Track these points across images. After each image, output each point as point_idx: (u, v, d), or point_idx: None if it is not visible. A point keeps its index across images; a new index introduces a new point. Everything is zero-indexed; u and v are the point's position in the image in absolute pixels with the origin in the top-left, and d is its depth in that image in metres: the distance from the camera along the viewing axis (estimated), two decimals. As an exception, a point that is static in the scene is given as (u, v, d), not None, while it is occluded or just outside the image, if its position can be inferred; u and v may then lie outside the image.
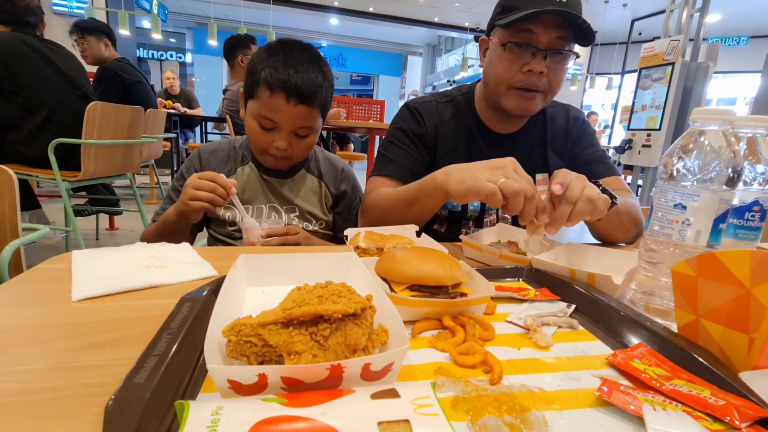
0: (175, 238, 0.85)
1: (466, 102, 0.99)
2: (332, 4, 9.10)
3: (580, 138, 1.00)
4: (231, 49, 2.67)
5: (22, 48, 1.89)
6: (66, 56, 2.09)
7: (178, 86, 5.12)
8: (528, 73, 0.82)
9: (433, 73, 12.93)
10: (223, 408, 0.23)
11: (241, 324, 0.31)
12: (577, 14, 0.76)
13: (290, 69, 0.82)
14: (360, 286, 0.39)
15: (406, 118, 0.98)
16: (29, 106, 1.92)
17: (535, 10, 0.76)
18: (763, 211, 0.52)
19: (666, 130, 3.21)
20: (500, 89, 0.86)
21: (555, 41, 0.80)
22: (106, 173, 2.09)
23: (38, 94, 1.93)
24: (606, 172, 0.96)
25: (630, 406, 0.30)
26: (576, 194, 0.62)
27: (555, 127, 1.00)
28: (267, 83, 0.82)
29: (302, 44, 0.89)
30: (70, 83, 2.04)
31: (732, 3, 6.80)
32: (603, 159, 0.99)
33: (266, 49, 0.87)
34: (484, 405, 0.30)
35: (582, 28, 0.79)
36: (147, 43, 10.68)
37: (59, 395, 0.29)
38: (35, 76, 1.92)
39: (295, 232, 0.84)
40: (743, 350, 0.36)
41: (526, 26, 0.80)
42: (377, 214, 0.84)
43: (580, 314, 0.49)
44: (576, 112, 1.04)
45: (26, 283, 0.48)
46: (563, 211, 0.62)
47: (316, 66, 0.86)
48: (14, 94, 1.88)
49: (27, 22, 1.97)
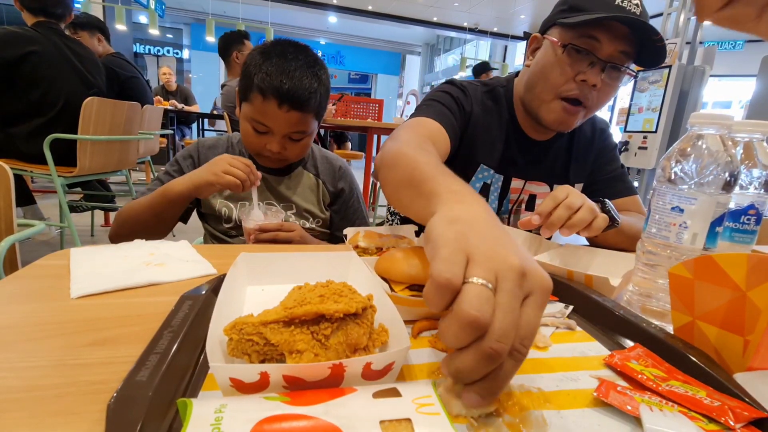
0: (167, 214, 0.85)
1: (507, 98, 0.93)
2: (331, 2, 9.07)
3: (603, 151, 0.99)
4: (225, 47, 2.67)
5: (51, 51, 1.89)
6: (85, 55, 2.09)
7: (174, 82, 5.09)
8: (581, 84, 0.77)
9: (432, 72, 12.93)
10: (226, 406, 0.23)
11: (243, 323, 0.31)
12: (653, 27, 0.71)
13: (283, 75, 0.81)
14: (360, 285, 0.40)
15: (455, 89, 0.90)
16: (41, 104, 1.91)
17: (610, 15, 0.71)
18: (759, 215, 0.52)
19: (662, 133, 3.23)
20: (545, 96, 0.81)
21: (617, 54, 0.75)
22: (102, 169, 2.07)
23: (53, 93, 1.92)
24: (624, 192, 0.95)
25: (627, 406, 0.31)
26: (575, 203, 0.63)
27: (581, 137, 0.97)
28: (259, 89, 0.82)
29: (298, 46, 0.88)
30: (84, 82, 2.04)
31: (728, 7, 6.84)
32: (622, 178, 0.97)
33: (261, 53, 0.86)
34: (484, 404, 0.31)
35: (653, 45, 0.73)
36: (144, 38, 10.60)
37: (61, 392, 0.29)
38: (54, 78, 1.92)
39: (288, 229, 0.83)
40: (738, 352, 0.36)
41: (591, 32, 0.74)
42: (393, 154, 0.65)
43: (578, 315, 0.49)
44: (602, 123, 1.01)
45: (24, 280, 0.48)
46: (560, 214, 0.63)
47: (310, 71, 0.85)
48: (29, 92, 1.87)
49: (54, 12, 1.95)
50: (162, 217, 0.85)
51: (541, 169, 0.96)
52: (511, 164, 0.93)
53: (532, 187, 0.97)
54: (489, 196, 0.94)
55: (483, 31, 9.88)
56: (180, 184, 0.81)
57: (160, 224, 0.86)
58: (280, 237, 0.81)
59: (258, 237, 0.80)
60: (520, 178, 0.95)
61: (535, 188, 0.97)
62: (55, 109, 1.93)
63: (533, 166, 0.95)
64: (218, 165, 0.80)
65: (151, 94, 3.19)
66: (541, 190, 0.97)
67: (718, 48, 3.40)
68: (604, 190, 0.96)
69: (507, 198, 0.96)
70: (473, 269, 0.27)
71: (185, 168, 0.94)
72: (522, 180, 0.95)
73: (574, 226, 0.63)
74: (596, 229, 0.64)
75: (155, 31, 5.54)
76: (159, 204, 0.82)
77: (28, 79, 1.85)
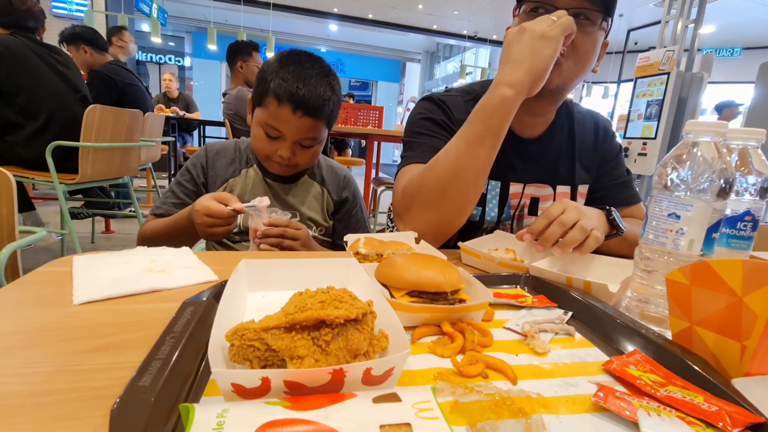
0: (185, 239, 0.86)
1: None
2: (332, 11, 9.16)
3: (608, 154, 0.96)
4: (232, 54, 2.68)
5: (23, 51, 1.89)
6: (65, 61, 2.09)
7: (176, 89, 5.13)
8: None
9: (432, 79, 13.02)
10: (228, 411, 0.24)
11: (244, 328, 0.31)
12: None
13: (299, 82, 0.84)
14: (360, 291, 0.40)
15: (434, 109, 0.90)
16: (29, 109, 1.92)
17: None
18: (755, 221, 0.53)
19: (661, 139, 3.25)
20: None
21: (579, 2, 0.72)
22: (104, 176, 2.09)
23: (38, 97, 1.93)
24: (630, 199, 0.94)
25: (625, 411, 0.31)
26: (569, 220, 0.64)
27: (583, 138, 0.95)
28: (275, 94, 0.84)
29: (313, 57, 0.91)
30: (69, 87, 2.05)
31: (726, 15, 6.92)
32: (628, 184, 0.96)
33: (277, 60, 0.89)
34: (483, 410, 0.31)
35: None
36: (146, 46, 10.69)
37: (64, 398, 0.29)
38: (35, 80, 1.92)
39: (296, 227, 0.83)
40: (736, 357, 0.36)
41: None
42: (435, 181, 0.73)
43: (577, 321, 0.49)
44: (605, 122, 1.00)
45: (27, 286, 0.49)
46: (553, 231, 0.64)
47: (325, 80, 0.88)
48: (14, 97, 1.88)
49: (26, 26, 1.97)
50: (182, 240, 0.85)
51: (539, 171, 0.92)
52: (507, 168, 0.91)
53: (533, 190, 0.93)
54: (486, 204, 0.92)
55: (482, 39, 9.97)
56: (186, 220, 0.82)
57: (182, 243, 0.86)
58: (288, 234, 0.80)
59: (266, 233, 0.79)
60: (519, 181, 0.92)
61: (537, 191, 0.93)
62: (44, 115, 1.94)
63: (531, 167, 0.92)
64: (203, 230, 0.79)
65: (151, 102, 3.20)
66: (544, 193, 0.94)
67: (716, 55, 3.43)
68: (611, 197, 0.94)
69: (507, 204, 0.93)
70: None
71: (195, 175, 0.95)
72: (521, 183, 0.92)
73: (565, 245, 0.64)
74: (587, 249, 0.65)
75: (157, 39, 5.58)
76: (176, 233, 0.85)
77: (8, 84, 1.85)
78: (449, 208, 0.73)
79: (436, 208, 0.73)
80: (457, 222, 0.76)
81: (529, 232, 0.67)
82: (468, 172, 0.71)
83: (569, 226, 0.64)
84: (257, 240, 0.79)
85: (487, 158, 0.71)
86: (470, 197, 0.74)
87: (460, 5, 8.01)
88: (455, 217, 0.75)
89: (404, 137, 0.92)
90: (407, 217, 0.77)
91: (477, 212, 0.92)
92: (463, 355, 0.39)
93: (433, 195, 0.73)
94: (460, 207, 0.74)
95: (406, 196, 0.78)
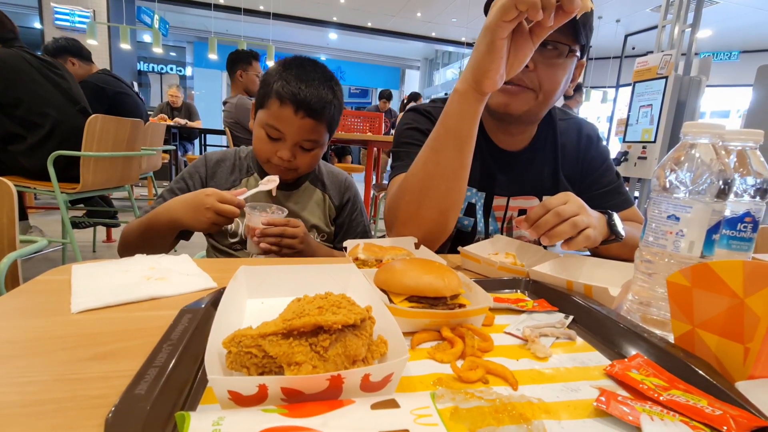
0: (158, 240, 0.84)
1: None
2: (331, 19, 9.26)
3: (594, 162, 0.94)
4: (232, 63, 2.70)
5: (21, 64, 1.91)
6: (63, 73, 2.11)
7: (181, 101, 5.18)
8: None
9: (431, 86, 13.09)
10: (224, 418, 0.23)
11: (242, 335, 0.31)
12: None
13: (302, 83, 0.86)
14: (359, 297, 0.40)
15: (420, 119, 0.91)
16: (29, 121, 1.93)
17: None
18: (755, 222, 0.52)
19: (661, 143, 3.25)
20: None
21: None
22: (105, 185, 2.09)
23: (38, 109, 1.94)
24: (622, 205, 0.92)
25: (628, 416, 0.30)
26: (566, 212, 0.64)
27: (566, 147, 0.93)
28: (278, 94, 0.86)
29: (316, 62, 0.93)
30: (68, 99, 2.06)
31: (722, 19, 6.97)
32: (619, 189, 0.94)
33: (281, 64, 0.91)
34: (484, 416, 0.31)
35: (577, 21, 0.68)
36: (148, 56, 10.81)
37: (61, 407, 0.29)
38: (34, 92, 1.94)
39: (294, 225, 0.82)
40: (739, 360, 0.36)
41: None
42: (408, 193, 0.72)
43: (578, 325, 0.49)
44: (589, 129, 0.97)
45: (26, 295, 0.48)
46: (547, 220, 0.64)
47: (327, 84, 0.89)
48: (14, 109, 1.90)
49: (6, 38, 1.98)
50: (152, 243, 0.83)
51: (524, 183, 0.93)
52: (491, 179, 0.91)
53: (521, 202, 0.94)
54: (475, 214, 0.92)
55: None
56: (165, 215, 0.80)
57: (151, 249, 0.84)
58: (287, 233, 0.80)
59: (265, 232, 0.78)
60: (503, 194, 0.92)
61: (524, 203, 0.94)
62: (45, 126, 1.95)
63: (515, 182, 0.92)
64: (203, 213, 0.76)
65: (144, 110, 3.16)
66: (531, 204, 0.94)
67: (713, 59, 3.43)
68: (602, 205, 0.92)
69: (491, 215, 0.93)
70: None
71: (191, 186, 0.94)
72: (504, 197, 0.92)
73: (553, 236, 0.64)
74: (576, 245, 0.65)
75: (159, 49, 5.64)
76: (150, 232, 0.83)
77: (7, 97, 1.87)
78: (428, 217, 0.72)
79: (415, 217, 0.73)
80: (441, 231, 0.74)
81: (526, 220, 0.67)
82: (436, 179, 0.69)
83: (565, 218, 0.64)
84: (256, 239, 0.79)
85: (454, 162, 0.68)
86: (446, 205, 0.71)
87: (458, 13, 8.09)
88: (437, 226, 0.73)
89: (392, 148, 0.94)
90: (394, 230, 0.77)
91: (469, 222, 0.93)
92: (463, 360, 0.39)
93: (410, 206, 0.72)
94: (437, 216, 0.72)
95: (390, 210, 0.78)
